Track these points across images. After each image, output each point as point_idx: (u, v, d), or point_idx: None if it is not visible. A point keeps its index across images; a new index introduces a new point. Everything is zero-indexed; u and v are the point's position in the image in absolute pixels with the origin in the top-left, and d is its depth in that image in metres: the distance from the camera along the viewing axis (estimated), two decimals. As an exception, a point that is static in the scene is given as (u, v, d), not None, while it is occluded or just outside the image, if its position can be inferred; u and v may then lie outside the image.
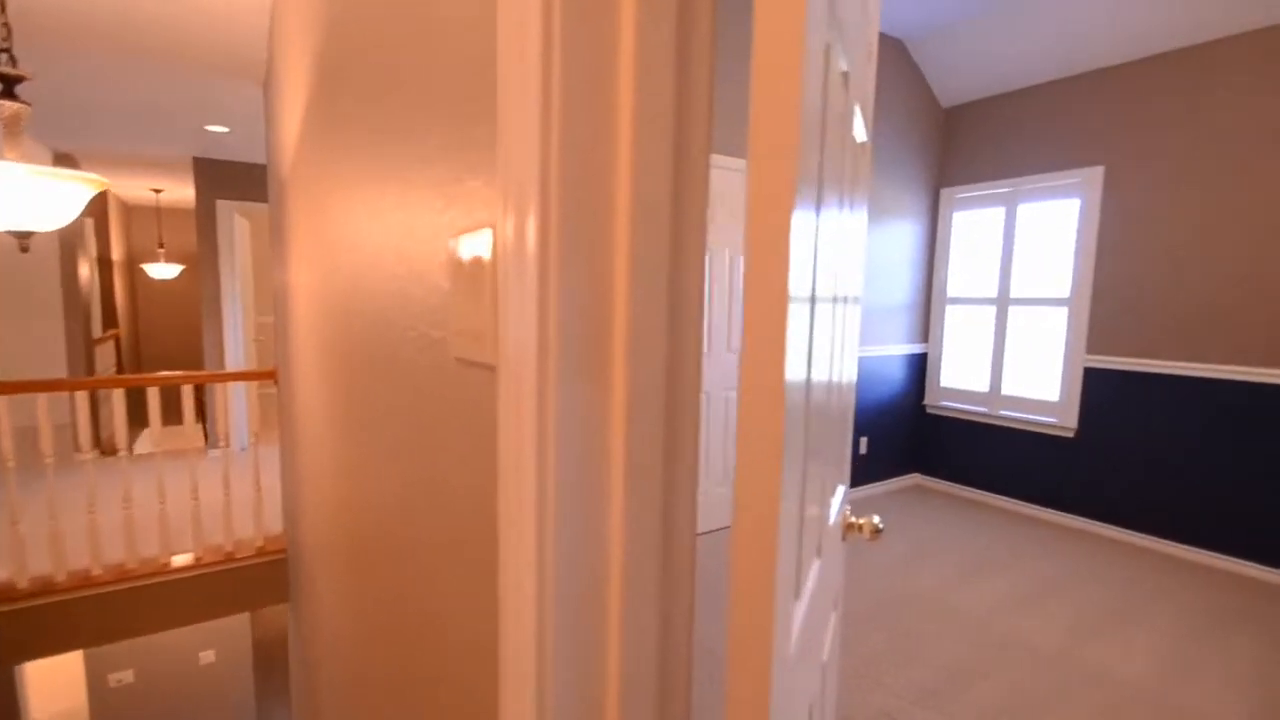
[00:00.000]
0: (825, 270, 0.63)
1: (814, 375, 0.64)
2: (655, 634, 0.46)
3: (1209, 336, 3.16)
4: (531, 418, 0.41)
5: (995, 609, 2.71)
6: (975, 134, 4.10)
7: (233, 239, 4.79)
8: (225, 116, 3.66)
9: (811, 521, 0.70)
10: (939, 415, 4.39)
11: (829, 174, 0.60)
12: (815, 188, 0.52)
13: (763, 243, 0.44)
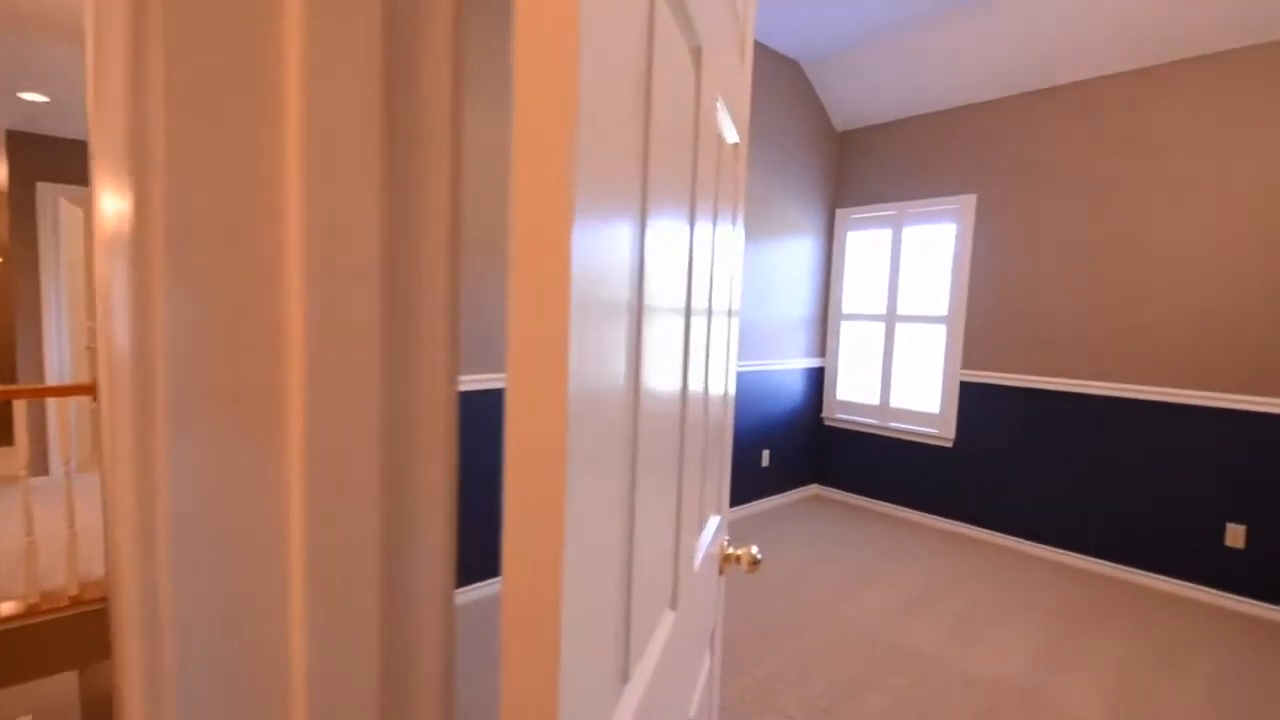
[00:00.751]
0: (666, 277, 0.54)
1: (655, 397, 0.55)
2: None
3: (1065, 353, 3.43)
4: (128, 475, 0.28)
5: (884, 616, 2.77)
6: (866, 158, 4.29)
7: (57, 228, 4.19)
8: (43, 82, 3.17)
9: (655, 571, 0.61)
10: (835, 427, 4.53)
11: (664, 163, 0.51)
12: (634, 177, 0.43)
13: (530, 231, 0.34)
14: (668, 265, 0.55)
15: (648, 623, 0.56)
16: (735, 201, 0.98)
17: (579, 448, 0.37)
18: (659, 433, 0.57)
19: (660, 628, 0.62)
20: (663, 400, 0.57)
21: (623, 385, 0.44)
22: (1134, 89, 3.18)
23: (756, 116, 3.85)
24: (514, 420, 0.35)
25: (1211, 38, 2.92)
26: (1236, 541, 2.95)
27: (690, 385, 0.68)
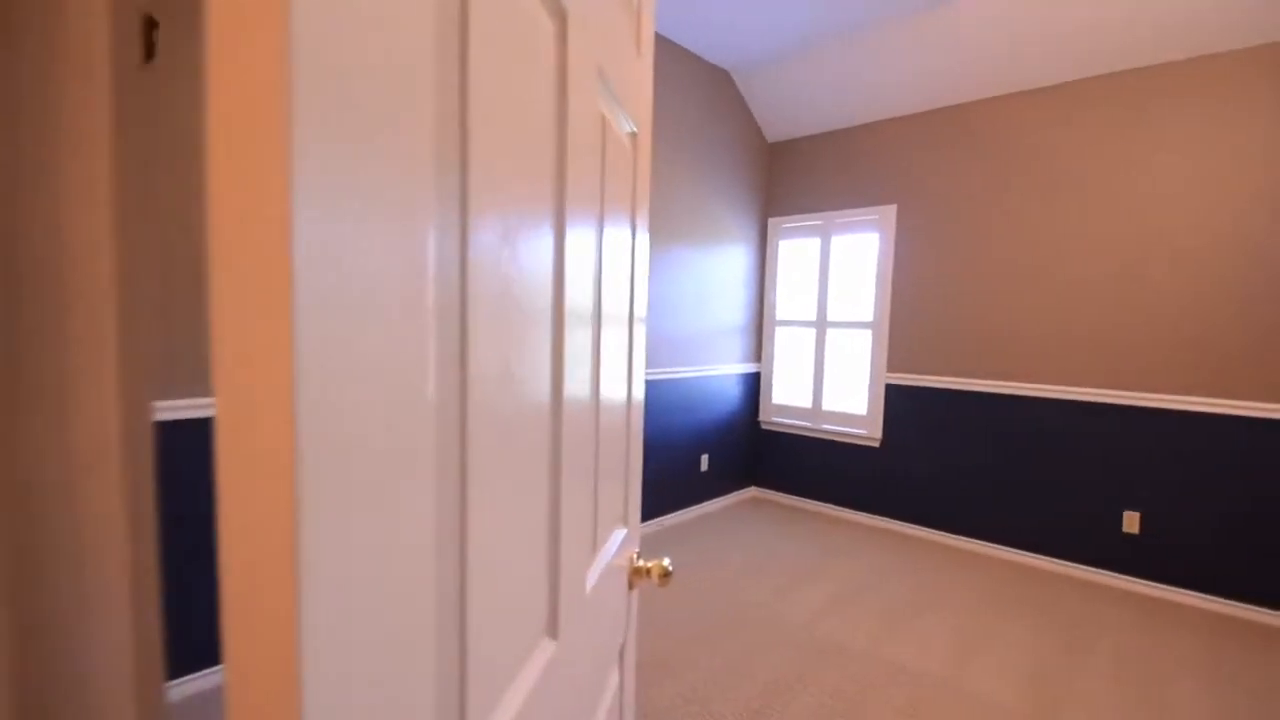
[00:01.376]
0: (508, 275, 0.49)
1: (503, 409, 0.55)
2: None
3: (982, 355, 3.62)
4: None
5: (818, 613, 2.84)
6: (795, 169, 4.42)
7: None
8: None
9: (519, 602, 0.59)
10: (771, 430, 4.63)
11: (500, 135, 0.47)
12: (431, 147, 0.37)
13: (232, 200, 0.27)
14: (510, 260, 0.50)
15: (507, 662, 0.53)
16: (633, 195, 0.98)
17: (327, 473, 0.29)
18: (515, 451, 0.54)
19: (534, 660, 0.60)
20: (517, 413, 0.54)
21: (427, 397, 0.38)
22: (1045, 103, 3.40)
23: (689, 126, 3.92)
24: (225, 446, 0.27)
25: (1119, 55, 3.15)
26: (1132, 527, 3.17)
27: (571, 395, 0.67)
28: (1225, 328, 2.91)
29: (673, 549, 3.61)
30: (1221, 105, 2.89)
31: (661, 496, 3.99)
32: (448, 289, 0.41)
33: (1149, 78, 3.07)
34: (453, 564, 0.43)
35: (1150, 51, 3.01)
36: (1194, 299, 2.98)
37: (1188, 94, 2.97)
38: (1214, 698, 2.29)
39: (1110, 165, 3.19)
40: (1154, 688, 2.34)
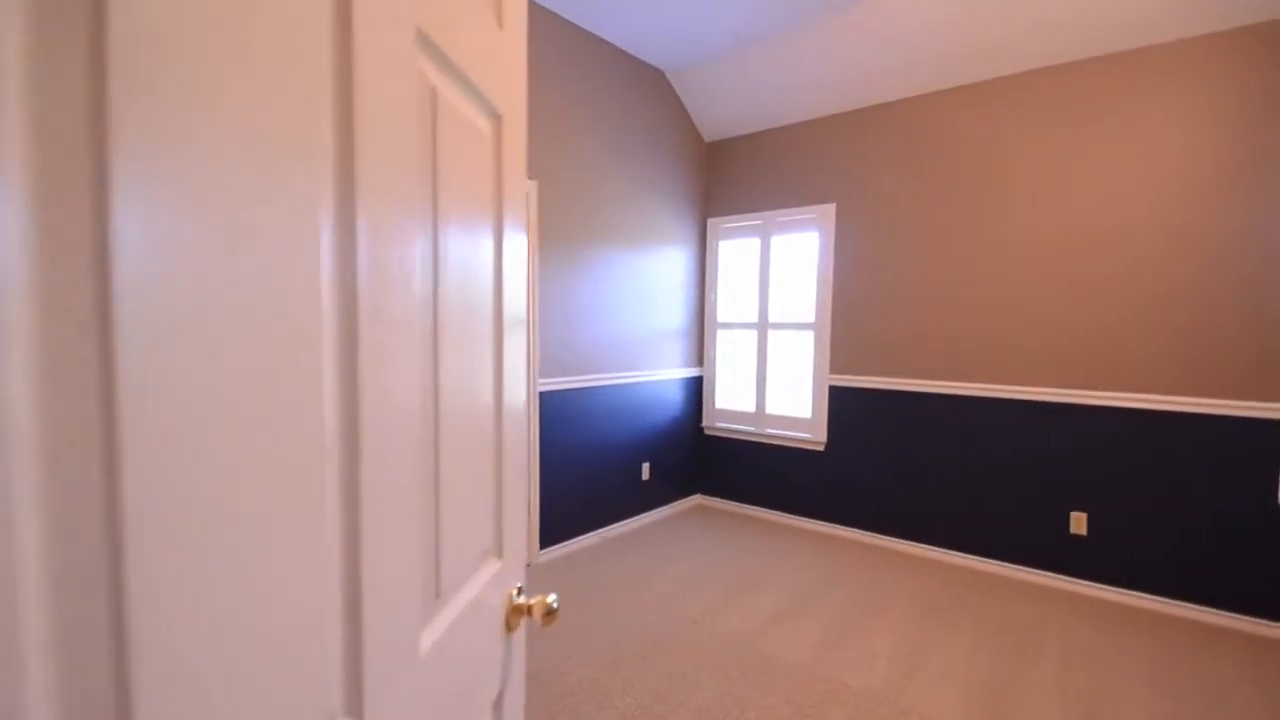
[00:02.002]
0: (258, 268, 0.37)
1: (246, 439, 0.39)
2: None
3: (925, 356, 3.59)
4: None
5: (759, 627, 2.72)
6: (734, 168, 4.34)
7: None
8: None
9: (277, 685, 0.44)
10: (715, 436, 4.52)
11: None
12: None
13: None
14: (266, 250, 0.38)
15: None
16: (497, 188, 0.82)
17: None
18: (279, 492, 0.40)
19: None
20: (279, 447, 0.40)
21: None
22: (980, 100, 3.39)
23: (624, 126, 3.78)
24: None
25: (1051, 51, 3.16)
26: (1079, 529, 3.17)
27: (384, 412, 0.52)
28: (1164, 325, 2.94)
29: (612, 562, 3.45)
30: (1151, 100, 2.92)
31: (600, 508, 3.82)
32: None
33: (1080, 73, 3.09)
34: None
35: (1081, 47, 3.03)
36: (1131, 297, 3.00)
37: (1118, 90, 3.00)
38: (1160, 701, 2.26)
39: (1046, 162, 3.20)
40: (1101, 694, 2.30)
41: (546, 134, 3.33)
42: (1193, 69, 2.81)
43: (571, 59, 3.43)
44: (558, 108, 3.38)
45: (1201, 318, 2.82)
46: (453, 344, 0.69)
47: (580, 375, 3.61)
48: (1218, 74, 2.76)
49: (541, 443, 3.41)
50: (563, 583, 3.17)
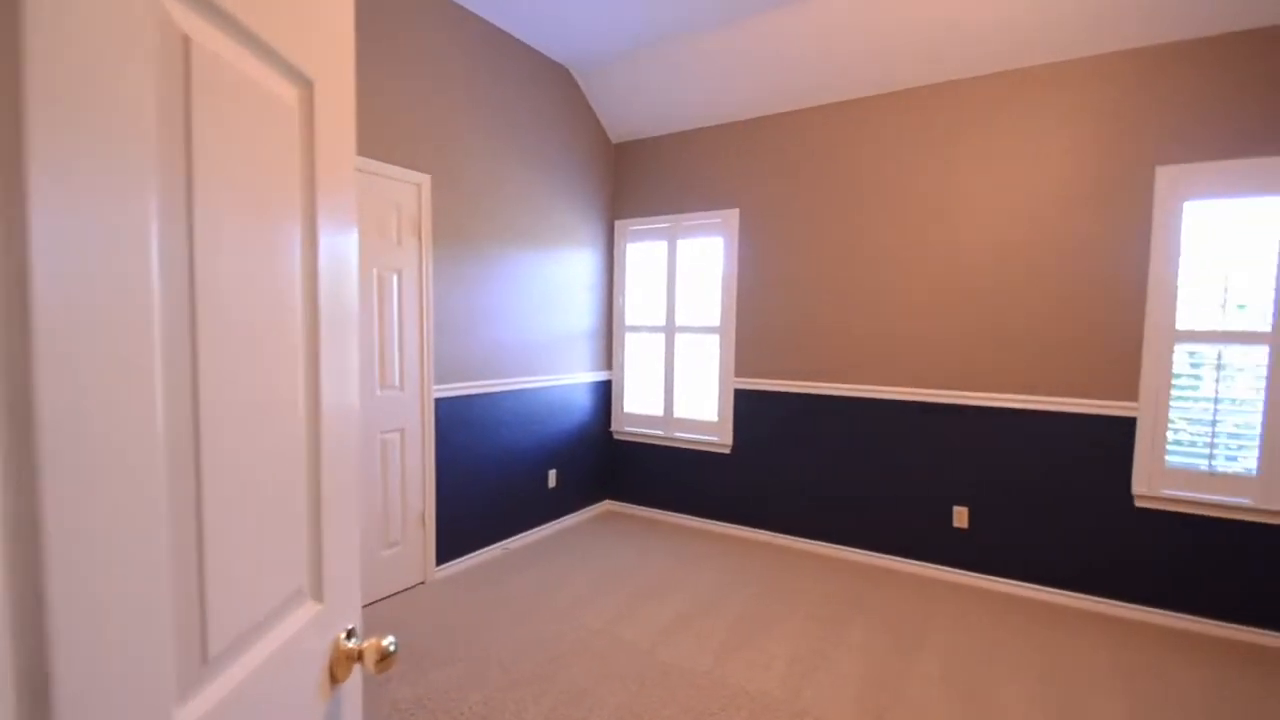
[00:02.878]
0: None
1: None
2: None
3: (824, 359, 3.68)
4: None
5: (663, 635, 2.67)
6: (641, 170, 4.30)
7: None
8: None
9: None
10: (624, 441, 4.46)
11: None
12: None
13: None
14: None
15: None
16: (308, 172, 0.71)
17: None
18: None
19: None
20: None
21: None
22: (874, 111, 3.51)
23: (528, 123, 3.65)
24: None
25: (941, 68, 3.30)
26: (962, 522, 3.34)
27: (112, 429, 0.40)
28: (1037, 328, 3.13)
29: (516, 575, 3.31)
30: (1018, 119, 3.12)
31: (504, 519, 3.67)
32: None
33: (957, 92, 3.26)
34: None
35: (966, 66, 3.19)
36: (1006, 305, 3.19)
37: (991, 108, 3.18)
38: (1038, 686, 2.39)
39: (931, 176, 3.35)
40: (982, 684, 2.41)
41: (444, 127, 3.16)
42: (1053, 92, 3.02)
43: (472, 51, 3.28)
44: (456, 100, 3.22)
45: (1070, 322, 3.04)
46: (226, 348, 0.57)
47: (482, 380, 3.45)
48: (1074, 98, 2.98)
49: (438, 452, 3.22)
50: (461, 600, 3.00)
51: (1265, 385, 2.65)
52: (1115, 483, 2.96)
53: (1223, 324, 2.74)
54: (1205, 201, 2.75)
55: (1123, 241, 2.91)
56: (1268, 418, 2.65)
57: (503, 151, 3.52)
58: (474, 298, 3.39)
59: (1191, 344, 2.80)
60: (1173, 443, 2.85)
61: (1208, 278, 2.76)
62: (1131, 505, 2.93)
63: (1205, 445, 2.79)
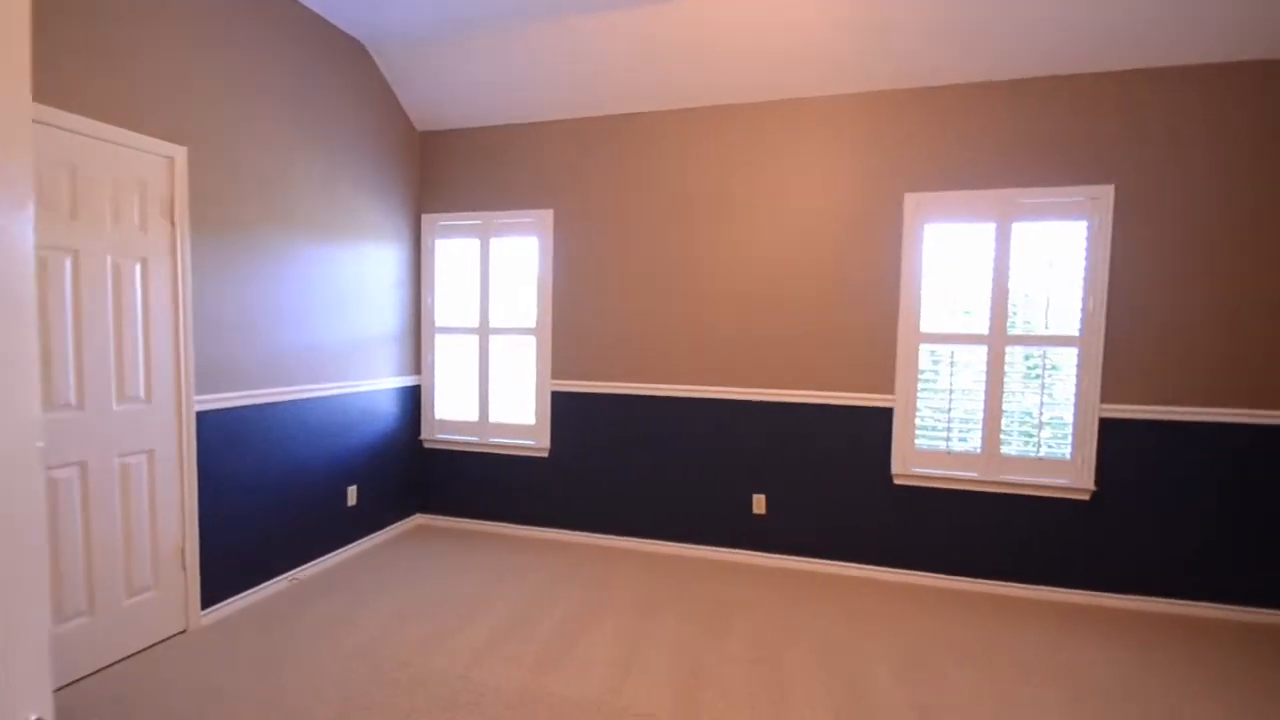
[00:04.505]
0: None
1: None
2: None
3: (633, 360, 3.78)
4: None
5: (476, 657, 2.53)
6: (451, 162, 4.07)
7: None
8: None
9: None
10: (436, 449, 4.19)
11: None
12: None
13: None
14: None
15: None
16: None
17: None
18: None
19: None
20: None
21: None
22: (691, 123, 3.67)
23: (316, 102, 3.25)
24: None
25: (754, 89, 3.52)
26: (760, 509, 3.63)
27: None
28: (819, 331, 3.50)
29: (307, 608, 2.92)
30: (815, 142, 3.46)
31: (292, 545, 3.23)
32: None
33: (769, 112, 3.53)
34: None
35: (772, 90, 3.46)
36: (796, 307, 3.52)
37: (793, 130, 3.49)
38: (824, 654, 2.65)
39: (741, 187, 3.59)
40: (779, 657, 2.62)
41: (207, 94, 2.69)
42: (833, 122, 3.42)
43: (244, 8, 2.83)
44: (224, 65, 2.75)
45: (840, 327, 3.45)
46: None
47: (263, 389, 3.00)
48: (848, 128, 3.40)
49: (202, 475, 2.73)
50: (235, 647, 2.57)
51: (985, 378, 3.25)
52: (879, 464, 3.43)
53: (954, 328, 3.30)
54: (940, 224, 3.30)
55: (882, 256, 3.37)
56: (987, 405, 3.25)
57: (287, 130, 3.09)
58: (251, 294, 2.93)
59: (932, 344, 3.33)
60: (920, 428, 3.38)
61: (943, 288, 3.31)
62: (891, 483, 3.42)
63: (944, 429, 3.35)
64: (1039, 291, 3.19)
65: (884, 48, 3.10)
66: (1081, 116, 3.08)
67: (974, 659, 2.60)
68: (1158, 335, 3.03)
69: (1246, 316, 2.94)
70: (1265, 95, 2.88)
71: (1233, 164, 2.93)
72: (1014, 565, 3.27)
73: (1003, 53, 3.04)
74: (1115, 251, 3.07)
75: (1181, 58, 2.92)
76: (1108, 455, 3.12)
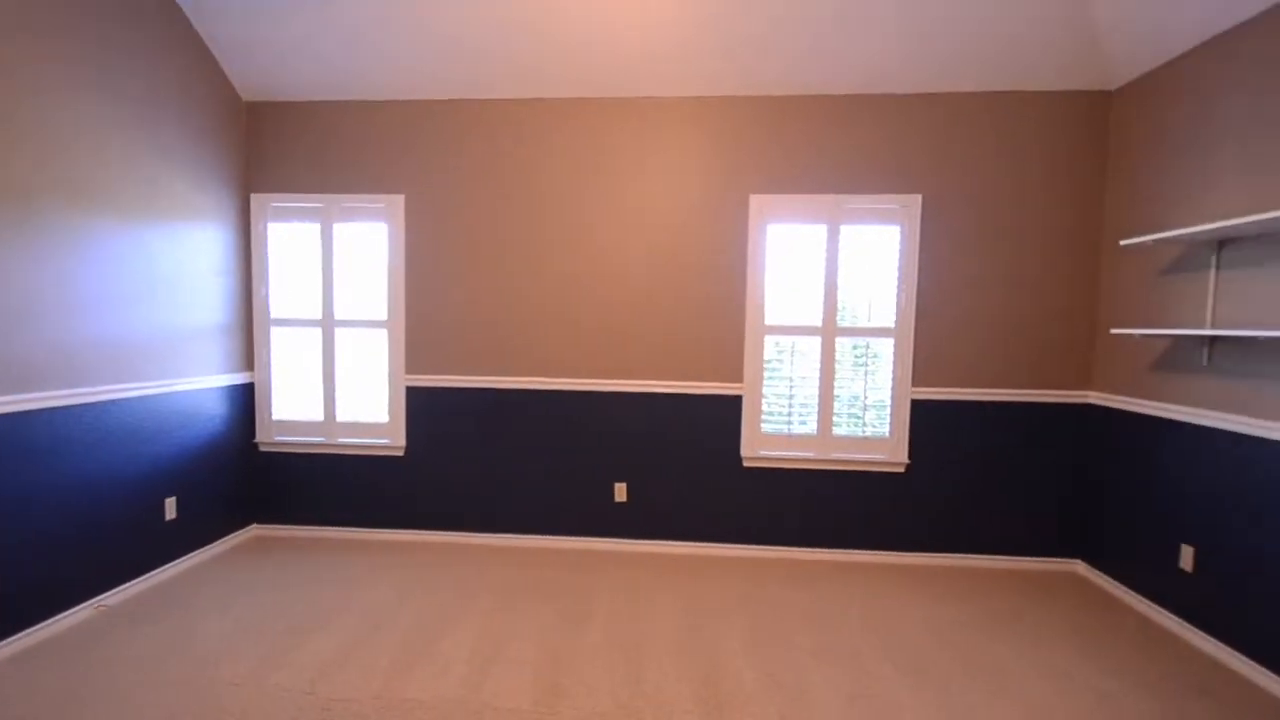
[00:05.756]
0: None
1: None
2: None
3: (491, 353, 3.71)
4: None
5: (323, 670, 2.38)
6: (286, 138, 3.72)
7: None
8: None
9: None
10: (275, 452, 3.85)
11: None
12: None
13: None
14: None
15: None
16: None
17: None
18: None
19: None
20: None
21: None
22: (559, 114, 3.62)
23: (113, 59, 2.82)
24: None
25: (600, 83, 3.53)
26: (622, 496, 3.73)
27: None
28: (675, 324, 3.64)
29: (116, 639, 2.57)
30: (672, 140, 3.58)
31: (95, 570, 2.82)
32: None
33: (631, 108, 3.58)
34: None
35: (633, 85, 3.51)
36: (655, 301, 3.64)
37: (653, 127, 3.58)
38: (681, 629, 2.80)
39: (603, 180, 3.62)
40: (638, 637, 2.73)
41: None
42: (690, 122, 3.56)
43: (2, -61, 2.37)
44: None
45: (694, 320, 3.63)
46: None
47: (48, 391, 2.58)
48: (703, 129, 3.56)
49: (-33, 497, 2.30)
50: (31, 685, 2.21)
51: (819, 367, 3.58)
52: (731, 449, 3.67)
53: (795, 321, 3.59)
54: (781, 225, 3.57)
55: (731, 253, 3.59)
56: (821, 391, 3.58)
57: (75, 87, 2.66)
58: (27, 277, 2.50)
59: (776, 336, 3.61)
60: (766, 414, 3.65)
61: (785, 284, 3.59)
62: (741, 466, 3.67)
63: (786, 414, 3.65)
64: (863, 288, 3.56)
65: (731, 56, 3.29)
66: (899, 131, 3.47)
67: (816, 622, 2.88)
68: (954, 328, 3.51)
69: (1028, 314, 3.49)
70: (1052, 122, 3.42)
71: (1027, 181, 3.45)
72: (847, 534, 3.66)
73: (838, 70, 3.34)
74: (923, 253, 3.50)
75: (987, 85, 3.39)
76: (918, 432, 3.57)
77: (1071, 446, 3.52)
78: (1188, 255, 2.83)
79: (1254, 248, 2.50)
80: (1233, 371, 2.59)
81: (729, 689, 2.33)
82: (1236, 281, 2.58)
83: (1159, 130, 3.02)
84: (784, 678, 2.41)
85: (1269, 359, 2.42)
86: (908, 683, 2.39)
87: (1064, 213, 3.44)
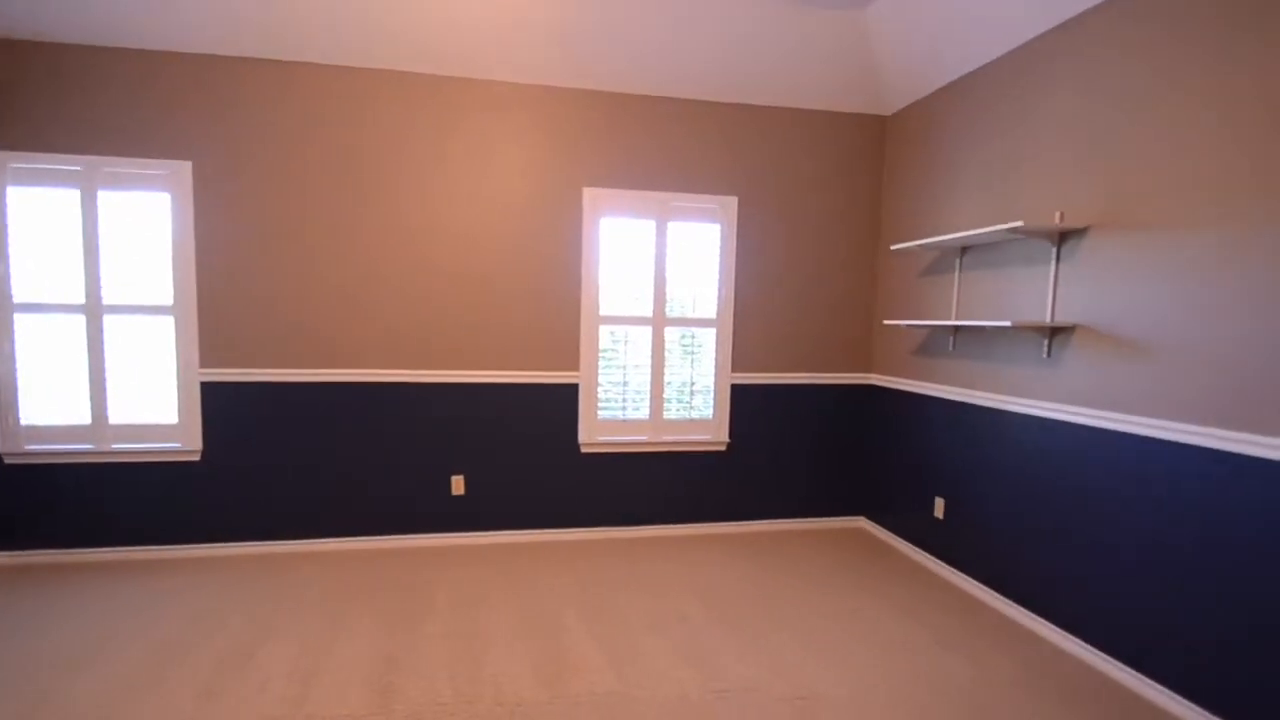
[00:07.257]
0: None
1: None
2: None
3: (302, 344, 3.42)
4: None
5: (112, 702, 2.06)
6: (37, 86, 3.08)
7: None
8: None
9: None
10: (23, 465, 3.19)
11: None
12: None
13: None
14: None
15: None
16: None
17: None
18: None
19: None
20: None
21: None
22: (379, 86, 3.36)
23: None
24: None
25: (425, 60, 3.35)
26: (459, 489, 3.65)
27: None
28: (508, 313, 3.62)
29: None
30: (501, 123, 3.52)
31: None
32: None
33: (456, 88, 3.45)
34: None
35: (462, 65, 3.38)
36: (488, 289, 3.58)
37: (480, 109, 3.49)
38: (518, 617, 2.83)
39: (427, 162, 3.46)
40: (476, 628, 2.71)
41: None
42: (517, 107, 3.54)
43: None
44: None
45: (528, 309, 3.65)
46: None
47: None
48: (532, 116, 3.57)
49: None
50: None
51: (651, 355, 3.79)
52: (568, 436, 3.75)
53: (628, 311, 3.76)
54: (613, 218, 3.71)
55: (566, 244, 3.66)
56: (653, 378, 3.80)
57: None
58: None
59: (611, 325, 3.75)
60: (602, 401, 3.79)
61: (618, 275, 3.75)
62: (579, 452, 3.78)
63: (621, 400, 3.81)
64: (689, 281, 3.84)
65: (565, 47, 3.33)
66: (720, 137, 3.77)
67: (648, 592, 3.08)
68: (765, 319, 3.92)
69: (824, 307, 4.00)
70: (843, 140, 3.91)
71: (824, 190, 3.92)
72: (677, 510, 3.93)
73: (671, 74, 3.53)
74: (739, 251, 3.86)
75: (794, 102, 3.79)
76: (737, 413, 3.94)
77: (858, 421, 4.11)
78: (940, 259, 3.45)
79: (985, 253, 3.12)
80: (970, 354, 3.21)
81: (569, 661, 2.42)
82: (973, 282, 3.20)
83: (921, 152, 3.62)
84: (619, 643, 2.56)
85: (995, 344, 3.05)
86: (725, 630, 2.67)
87: (852, 220, 3.99)
